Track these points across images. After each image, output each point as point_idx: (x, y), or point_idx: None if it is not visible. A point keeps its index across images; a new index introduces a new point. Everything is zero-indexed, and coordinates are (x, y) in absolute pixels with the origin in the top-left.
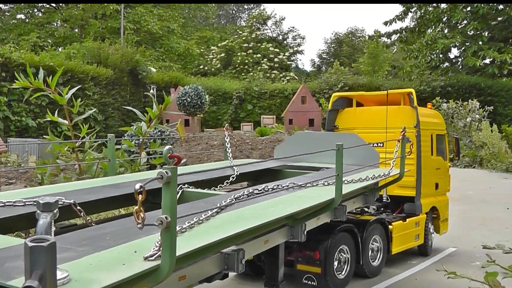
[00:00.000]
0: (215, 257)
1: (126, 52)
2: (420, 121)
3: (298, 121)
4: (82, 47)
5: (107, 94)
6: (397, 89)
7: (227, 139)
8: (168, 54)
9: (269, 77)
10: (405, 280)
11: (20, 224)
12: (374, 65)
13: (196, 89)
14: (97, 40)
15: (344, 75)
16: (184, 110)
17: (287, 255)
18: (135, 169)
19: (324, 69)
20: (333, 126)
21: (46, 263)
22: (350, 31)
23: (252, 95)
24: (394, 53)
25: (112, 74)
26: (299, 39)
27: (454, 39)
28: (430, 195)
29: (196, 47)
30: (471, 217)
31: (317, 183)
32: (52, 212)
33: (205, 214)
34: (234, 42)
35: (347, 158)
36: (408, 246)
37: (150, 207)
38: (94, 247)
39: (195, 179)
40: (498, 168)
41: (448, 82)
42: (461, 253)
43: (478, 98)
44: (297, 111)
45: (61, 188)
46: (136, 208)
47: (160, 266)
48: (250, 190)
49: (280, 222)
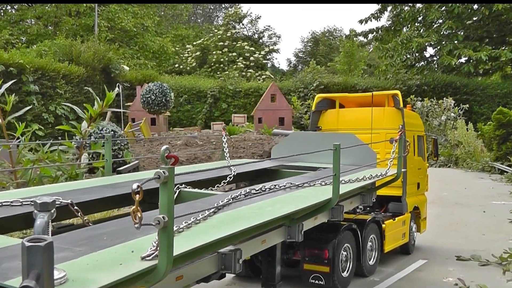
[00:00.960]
0: (212, 257)
1: (98, 49)
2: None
3: (268, 119)
4: (53, 44)
5: (79, 93)
6: (381, 91)
7: (224, 139)
8: (142, 52)
9: (245, 76)
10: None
11: (17, 224)
12: (350, 64)
13: (160, 87)
14: (69, 38)
15: (320, 74)
16: (149, 108)
17: (292, 255)
18: (72, 172)
19: (300, 68)
20: (316, 127)
21: (43, 263)
22: (327, 30)
23: (227, 93)
24: (370, 52)
25: (84, 72)
26: (275, 37)
27: (429, 38)
28: (413, 194)
29: (171, 45)
30: (445, 222)
31: (314, 183)
32: (49, 212)
33: (202, 214)
34: (210, 41)
35: (344, 158)
36: (397, 244)
37: (148, 207)
38: (91, 247)
39: (192, 179)
40: (474, 167)
41: (424, 81)
42: (433, 266)
43: (454, 96)
44: (267, 109)
45: (58, 188)
46: (133, 208)
47: (157, 266)
48: (247, 190)
49: (277, 222)
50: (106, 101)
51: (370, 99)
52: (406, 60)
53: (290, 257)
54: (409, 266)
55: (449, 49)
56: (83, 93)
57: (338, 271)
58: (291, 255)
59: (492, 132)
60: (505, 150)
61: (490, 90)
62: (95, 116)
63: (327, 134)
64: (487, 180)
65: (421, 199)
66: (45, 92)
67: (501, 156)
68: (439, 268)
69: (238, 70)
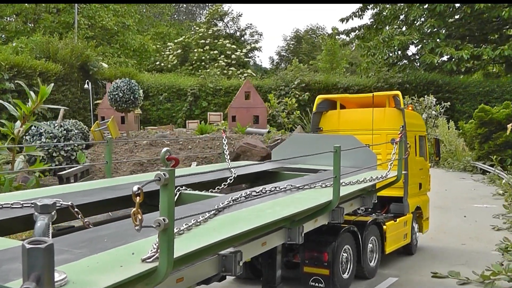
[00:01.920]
0: (212, 259)
1: (76, 46)
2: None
3: (242, 117)
4: (30, 41)
5: (56, 91)
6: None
7: (224, 141)
8: (123, 50)
9: (226, 74)
10: None
11: (18, 226)
12: (332, 62)
13: (128, 83)
14: (46, 35)
15: (301, 72)
16: (116, 106)
17: (292, 257)
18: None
19: (283, 66)
20: (317, 128)
21: (44, 265)
22: (310, 29)
23: (207, 91)
24: (353, 50)
25: (61, 69)
26: (256, 35)
27: (411, 36)
28: (415, 195)
29: (152, 43)
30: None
31: (315, 185)
32: (49, 214)
33: (202, 216)
34: (191, 39)
35: (345, 160)
36: (399, 245)
37: (148, 209)
38: (91, 249)
39: (192, 181)
40: (455, 167)
41: (406, 79)
42: (404, 286)
43: (436, 95)
44: (241, 107)
45: (58, 190)
46: (133, 210)
47: (158, 268)
48: (247, 192)
49: (277, 224)
50: (40, 97)
51: (371, 100)
52: (388, 58)
53: (290, 259)
54: (377, 286)
55: (431, 48)
56: (60, 91)
57: (338, 273)
58: (291, 257)
59: (474, 131)
60: (487, 149)
61: (472, 88)
62: (29, 114)
63: (327, 136)
64: (469, 180)
65: (423, 199)
66: (21, 90)
67: (483, 156)
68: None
69: (220, 68)
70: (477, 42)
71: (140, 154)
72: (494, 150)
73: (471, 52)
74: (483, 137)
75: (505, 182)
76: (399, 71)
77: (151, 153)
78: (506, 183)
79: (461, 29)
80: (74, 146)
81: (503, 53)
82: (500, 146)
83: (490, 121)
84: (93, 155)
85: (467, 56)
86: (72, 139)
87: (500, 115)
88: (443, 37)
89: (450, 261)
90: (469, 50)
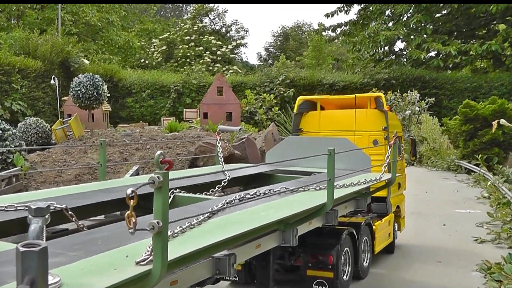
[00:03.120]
0: (206, 262)
1: (56, 42)
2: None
3: (214, 114)
4: (9, 37)
5: (36, 88)
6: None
7: (218, 143)
8: (108, 47)
9: (211, 71)
10: None
11: (12, 229)
12: (318, 58)
13: (92, 79)
14: (31, 31)
15: (286, 68)
16: (79, 102)
17: (295, 261)
18: None
19: (271, 63)
20: (298, 129)
21: (38, 268)
22: (297, 25)
23: (191, 88)
24: (340, 47)
25: (41, 66)
26: (242, 32)
27: (397, 31)
28: (395, 194)
29: (137, 40)
30: (396, 241)
31: (309, 188)
32: (43, 217)
33: (197, 218)
34: (176, 35)
35: (339, 162)
36: (385, 244)
37: (142, 211)
38: (85, 252)
39: (186, 184)
40: (438, 166)
41: (392, 75)
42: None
43: (422, 90)
44: (213, 103)
45: (52, 193)
46: (127, 213)
47: (152, 270)
48: (241, 195)
49: (271, 226)
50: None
51: (352, 101)
52: (374, 54)
53: (293, 263)
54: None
55: (417, 43)
56: (40, 88)
57: (340, 275)
58: (293, 261)
59: (458, 128)
60: (472, 148)
61: (460, 84)
62: None
63: (321, 139)
64: (452, 181)
65: (401, 199)
66: (2, 87)
67: (468, 154)
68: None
69: (205, 64)
70: (464, 38)
71: (92, 156)
72: (480, 148)
73: (458, 48)
74: (468, 135)
75: (491, 184)
76: (385, 67)
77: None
78: (491, 185)
79: (448, 24)
80: (12, 148)
81: (490, 48)
82: (486, 144)
83: (475, 118)
84: (42, 157)
85: (455, 52)
86: (9, 139)
87: (486, 111)
88: (429, 32)
89: (424, 281)
90: (456, 45)
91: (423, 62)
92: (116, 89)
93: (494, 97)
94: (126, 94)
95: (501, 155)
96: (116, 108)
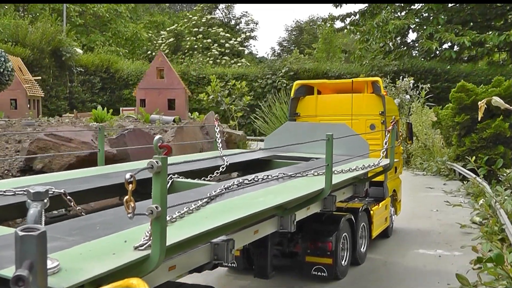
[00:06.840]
0: (205, 247)
1: (47, 30)
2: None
3: (153, 101)
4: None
5: None
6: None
7: (217, 129)
8: (115, 39)
9: (219, 63)
10: None
11: (11, 213)
12: (328, 51)
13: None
14: (15, 20)
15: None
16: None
17: (294, 247)
18: None
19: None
20: (295, 114)
21: (37, 253)
22: (311, 19)
23: (190, 80)
24: (350, 38)
25: (30, 54)
26: (252, 24)
27: (407, 20)
28: (391, 178)
29: (145, 31)
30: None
31: (307, 174)
32: (42, 202)
33: (195, 204)
34: (184, 27)
35: (337, 148)
36: (382, 229)
37: (140, 196)
38: (84, 237)
39: (185, 169)
40: (428, 169)
41: (402, 67)
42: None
43: (434, 84)
44: (151, 88)
45: (51, 178)
46: (126, 197)
47: (150, 255)
48: (240, 180)
49: (269, 212)
50: None
51: (349, 86)
52: (384, 45)
53: (292, 249)
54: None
55: (429, 33)
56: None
57: (339, 261)
58: (292, 247)
59: (451, 119)
60: (469, 146)
61: (474, 77)
62: None
63: (319, 124)
64: (437, 192)
65: (397, 182)
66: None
67: (463, 154)
68: None
69: (213, 57)
70: (479, 28)
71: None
72: (479, 147)
73: (473, 39)
74: (463, 128)
75: (485, 202)
76: (395, 59)
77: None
78: (486, 202)
79: (462, 13)
80: None
81: (508, 38)
82: (487, 141)
83: (473, 105)
84: None
85: (469, 43)
86: None
87: (487, 96)
88: (442, 22)
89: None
90: (471, 36)
91: (436, 55)
92: (113, 80)
93: (500, 78)
94: (123, 86)
95: (507, 156)
96: (113, 99)
